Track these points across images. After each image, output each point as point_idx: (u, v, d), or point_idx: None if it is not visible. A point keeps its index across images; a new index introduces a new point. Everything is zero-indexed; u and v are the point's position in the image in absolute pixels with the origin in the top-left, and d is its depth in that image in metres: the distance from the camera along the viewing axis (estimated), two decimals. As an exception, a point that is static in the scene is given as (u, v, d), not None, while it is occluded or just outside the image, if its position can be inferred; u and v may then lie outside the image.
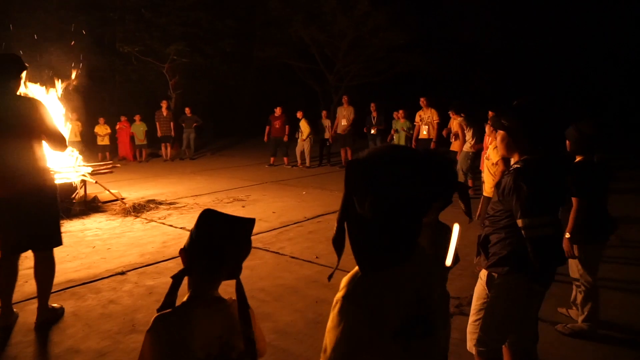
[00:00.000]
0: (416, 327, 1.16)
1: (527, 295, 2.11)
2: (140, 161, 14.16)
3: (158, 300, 3.66)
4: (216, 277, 1.37)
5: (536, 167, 2.03)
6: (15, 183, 3.11)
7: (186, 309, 1.33)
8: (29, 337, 3.17)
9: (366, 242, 1.15)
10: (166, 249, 5.09)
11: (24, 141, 3.14)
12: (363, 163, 1.13)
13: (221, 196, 8.11)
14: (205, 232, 1.33)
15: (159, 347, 1.25)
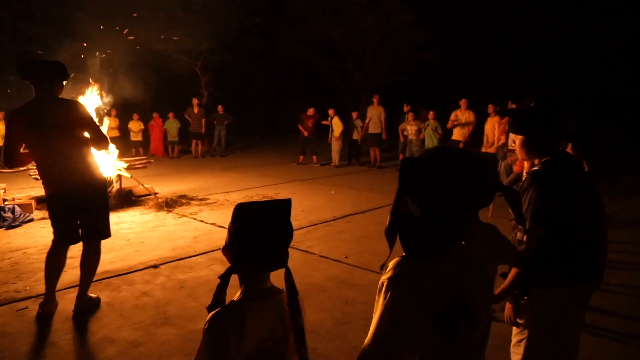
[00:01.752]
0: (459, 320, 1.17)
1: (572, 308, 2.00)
2: (171, 157, 14.45)
3: (189, 295, 3.75)
4: (264, 268, 1.36)
5: (554, 170, 1.94)
6: (67, 180, 3.28)
7: (240, 305, 1.33)
8: (67, 324, 3.28)
9: (413, 235, 1.19)
10: (197, 244, 5.17)
11: (70, 140, 3.28)
12: (417, 162, 1.20)
13: (251, 193, 8.19)
14: (244, 226, 1.32)
15: (214, 344, 1.26)
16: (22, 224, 5.96)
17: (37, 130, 3.18)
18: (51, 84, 3.27)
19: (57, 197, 3.33)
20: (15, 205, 6.29)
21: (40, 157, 3.29)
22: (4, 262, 4.56)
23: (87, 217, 3.43)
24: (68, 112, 3.26)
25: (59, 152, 3.25)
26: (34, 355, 2.87)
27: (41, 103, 3.24)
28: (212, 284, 4.01)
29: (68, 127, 3.24)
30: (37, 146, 3.25)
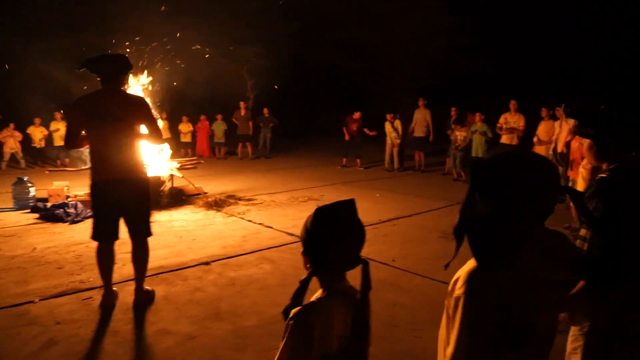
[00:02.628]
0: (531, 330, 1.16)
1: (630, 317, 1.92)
2: (218, 158, 14.86)
3: (240, 292, 3.86)
4: (347, 267, 1.40)
5: (622, 177, 1.87)
6: (116, 170, 3.41)
7: (325, 302, 1.37)
8: (127, 315, 3.46)
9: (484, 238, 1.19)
10: (246, 243, 5.31)
11: (128, 133, 3.44)
12: (488, 164, 1.21)
13: (296, 195, 8.30)
14: (326, 230, 1.36)
15: (300, 339, 1.30)
16: (83, 219, 6.32)
17: (98, 119, 3.34)
18: (116, 77, 3.43)
19: (102, 185, 3.42)
20: (78, 202, 6.68)
21: (96, 144, 3.42)
22: (69, 254, 4.86)
23: (130, 215, 3.52)
24: (131, 106, 3.43)
25: (115, 143, 3.39)
26: (99, 342, 3.05)
27: (106, 94, 3.40)
28: (262, 282, 4.11)
29: (129, 120, 3.40)
30: (95, 134, 3.40)
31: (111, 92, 3.43)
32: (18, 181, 7.10)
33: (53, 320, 3.33)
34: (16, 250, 4.97)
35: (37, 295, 3.76)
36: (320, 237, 1.36)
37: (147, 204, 3.63)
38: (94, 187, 3.47)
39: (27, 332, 3.14)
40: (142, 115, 3.47)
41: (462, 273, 1.21)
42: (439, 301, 3.59)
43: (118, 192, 3.42)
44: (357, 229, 1.36)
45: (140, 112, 3.46)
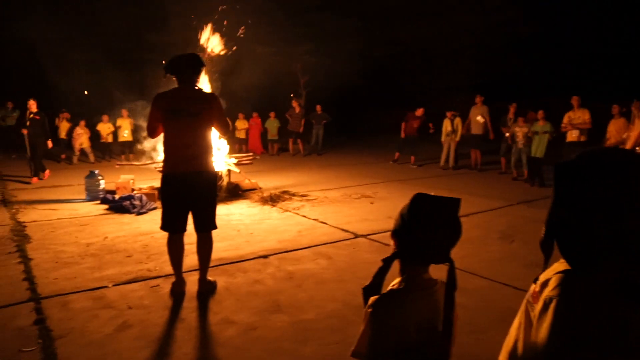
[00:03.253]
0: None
1: None
2: (271, 154, 15.16)
3: (298, 286, 3.94)
4: (431, 260, 1.39)
5: None
6: (188, 163, 3.57)
7: (402, 292, 1.38)
8: (192, 303, 3.63)
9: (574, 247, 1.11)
10: (302, 238, 5.39)
11: (201, 128, 3.62)
12: (572, 166, 1.11)
13: (349, 191, 8.32)
14: (420, 216, 1.34)
15: (377, 328, 1.33)
16: (148, 211, 6.67)
17: (174, 113, 3.53)
18: (191, 74, 3.62)
19: (173, 177, 3.60)
20: (142, 195, 7.05)
21: (170, 137, 3.61)
22: (136, 243, 5.15)
23: (198, 209, 3.67)
24: (204, 102, 3.60)
25: (188, 137, 3.56)
26: (168, 327, 3.22)
27: (183, 91, 3.60)
28: (319, 277, 4.17)
29: (201, 115, 3.57)
30: (171, 127, 3.59)
31: (186, 88, 3.62)
32: (90, 174, 7.59)
33: (126, 304, 3.55)
34: (90, 238, 5.33)
35: (110, 281, 4.02)
36: (411, 222, 1.34)
37: (214, 198, 3.78)
38: (165, 178, 3.66)
39: (104, 314, 3.37)
40: (213, 111, 3.63)
41: (552, 275, 1.16)
42: (499, 304, 3.51)
43: (188, 185, 3.57)
44: (454, 225, 1.34)
45: (212, 108, 3.62)
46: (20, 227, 5.75)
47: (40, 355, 2.82)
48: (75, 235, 5.46)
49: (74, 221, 6.20)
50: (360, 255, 4.80)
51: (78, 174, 10.10)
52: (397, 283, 1.42)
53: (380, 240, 5.32)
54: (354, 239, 5.38)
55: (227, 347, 2.95)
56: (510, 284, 4.02)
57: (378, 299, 1.35)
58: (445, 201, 1.35)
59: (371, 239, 5.40)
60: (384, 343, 1.34)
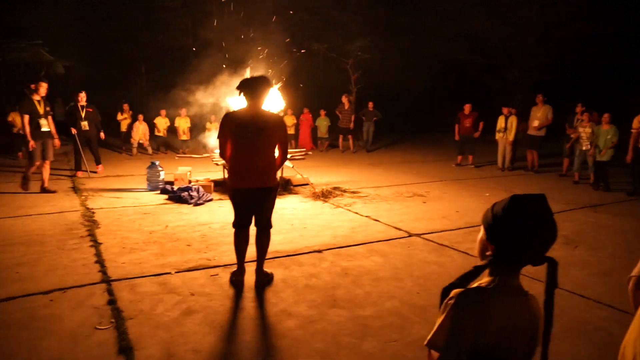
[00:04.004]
0: None
1: None
2: (321, 150, 15.23)
3: (354, 282, 3.95)
4: (526, 261, 1.34)
5: None
6: (253, 180, 3.76)
7: (490, 291, 1.33)
8: (251, 293, 3.72)
9: None
10: (355, 234, 5.40)
11: (267, 148, 3.77)
12: None
13: (401, 190, 8.23)
14: (517, 217, 1.29)
15: (455, 323, 1.30)
16: (204, 202, 6.89)
17: (242, 132, 3.68)
18: (259, 96, 3.74)
19: (240, 192, 3.81)
20: (199, 186, 7.29)
21: (237, 155, 3.76)
22: (195, 233, 5.34)
23: (261, 213, 3.89)
24: (272, 124, 3.74)
25: (255, 155, 3.71)
26: (230, 315, 3.32)
27: (251, 111, 3.73)
28: (374, 274, 4.16)
29: (266, 136, 3.71)
30: (238, 145, 3.73)
31: (254, 109, 3.74)
32: (151, 165, 7.93)
33: (188, 291, 3.69)
34: (152, 227, 5.58)
35: (173, 268, 4.19)
36: (513, 225, 1.29)
37: (273, 205, 3.97)
38: (232, 192, 3.87)
39: (169, 299, 3.53)
40: (278, 134, 3.79)
41: None
42: (568, 313, 3.35)
43: (252, 198, 3.80)
44: (551, 224, 1.29)
45: (277, 130, 3.78)
46: (89, 213, 6.11)
47: (114, 333, 2.99)
48: (139, 223, 5.73)
49: (137, 209, 6.51)
50: (415, 254, 4.74)
51: (138, 165, 10.60)
52: (486, 282, 1.38)
53: (435, 240, 5.23)
54: (408, 238, 5.32)
55: (288, 338, 3.01)
56: (577, 292, 3.85)
57: (463, 292, 1.32)
58: (542, 200, 1.30)
59: (425, 238, 5.32)
60: (460, 339, 1.30)
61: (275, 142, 3.81)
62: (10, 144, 12.69)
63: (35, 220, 5.80)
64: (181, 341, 2.92)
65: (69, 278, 3.90)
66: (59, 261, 4.33)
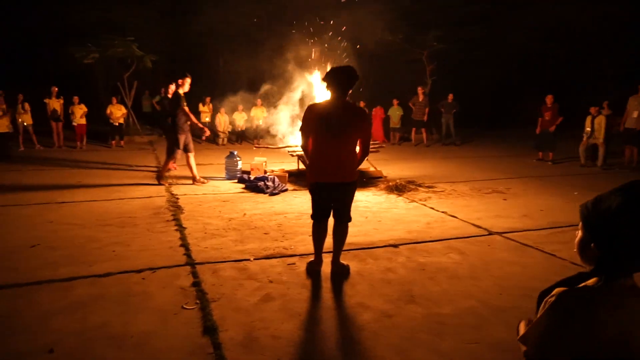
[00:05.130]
0: None
1: None
2: (392, 143, 15.01)
3: (431, 278, 3.85)
4: (637, 266, 1.19)
5: None
6: (334, 174, 3.73)
7: (598, 292, 1.20)
8: (327, 284, 3.76)
9: None
10: (431, 230, 5.26)
11: (349, 141, 3.71)
12: None
13: (478, 185, 7.89)
14: (633, 210, 1.13)
15: (557, 322, 1.20)
16: (279, 192, 7.06)
17: (325, 125, 3.65)
18: (345, 88, 3.68)
19: (320, 186, 3.80)
20: (275, 176, 7.48)
21: (320, 148, 3.73)
22: (271, 222, 5.49)
23: (340, 207, 3.88)
24: (354, 116, 3.67)
25: (338, 149, 3.67)
26: (307, 304, 3.38)
27: (336, 103, 3.69)
28: (452, 271, 4.03)
29: (350, 130, 3.66)
30: (320, 138, 3.71)
31: (339, 101, 3.69)
32: (229, 155, 8.27)
33: (267, 278, 3.81)
34: (231, 214, 5.82)
35: (251, 255, 4.34)
36: (632, 222, 1.13)
37: (353, 197, 3.94)
38: (312, 186, 3.87)
39: (249, 285, 3.66)
40: (361, 127, 3.72)
41: None
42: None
43: (332, 192, 3.79)
44: None
45: (361, 124, 3.71)
46: (174, 199, 6.50)
47: (199, 313, 3.16)
48: (219, 210, 6.00)
49: (216, 197, 6.83)
50: (495, 254, 4.53)
51: (217, 154, 11.10)
52: (594, 282, 1.24)
53: (516, 239, 4.96)
54: (488, 236, 5.09)
55: (365, 331, 3.01)
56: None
57: (567, 290, 1.20)
58: None
59: (506, 237, 5.06)
60: (558, 343, 1.18)
61: (358, 136, 3.73)
62: (107, 133, 13.86)
63: (127, 204, 6.28)
64: (261, 326, 3.02)
65: (158, 259, 4.18)
66: (148, 242, 4.65)
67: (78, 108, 12.91)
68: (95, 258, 4.19)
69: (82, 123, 12.98)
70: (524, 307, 3.36)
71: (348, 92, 3.72)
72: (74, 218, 5.53)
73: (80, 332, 2.91)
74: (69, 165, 9.91)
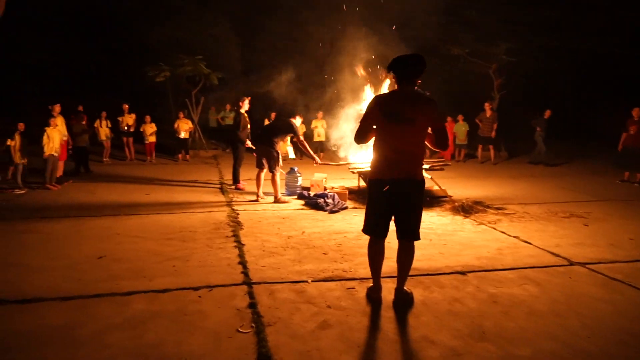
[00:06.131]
0: None
1: None
2: (457, 160, 14.41)
3: (504, 313, 3.46)
4: None
5: None
6: (398, 171, 3.42)
7: None
8: (388, 313, 3.49)
9: None
10: (503, 257, 4.83)
11: (417, 136, 3.42)
12: None
13: (554, 208, 7.26)
14: None
15: None
16: (339, 210, 6.88)
17: (389, 118, 3.38)
18: (412, 78, 3.43)
19: (380, 183, 3.47)
20: (335, 193, 7.32)
21: (383, 142, 3.48)
22: (330, 241, 5.31)
23: (403, 215, 3.50)
24: (423, 106, 3.37)
25: (402, 142, 3.38)
26: (367, 334, 3.13)
27: (402, 94, 3.43)
28: (529, 306, 3.62)
29: (418, 121, 3.36)
30: (383, 132, 3.46)
31: (406, 92, 3.45)
32: (290, 171, 8.24)
33: (325, 303, 3.61)
34: (290, 232, 5.71)
35: (309, 276, 4.17)
36: None
37: (421, 207, 3.57)
38: (372, 183, 3.58)
39: (306, 309, 3.48)
40: (431, 117, 3.41)
41: None
42: None
43: (396, 192, 3.44)
44: None
45: (430, 114, 3.40)
46: (234, 214, 6.52)
47: (254, 338, 3.02)
48: (278, 227, 5.92)
49: (275, 213, 6.77)
50: (579, 288, 4.04)
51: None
52: None
53: (603, 272, 4.42)
54: (569, 267, 4.58)
55: (431, 371, 2.72)
56: None
57: None
58: None
59: (591, 268, 4.53)
60: None
61: (429, 125, 3.42)
62: (173, 147, 14.49)
63: (189, 217, 6.37)
64: (317, 356, 2.82)
65: (215, 276, 4.12)
66: (207, 258, 4.63)
67: (149, 127, 13.61)
68: (156, 272, 4.21)
69: (152, 141, 13.67)
70: (616, 354, 2.93)
71: (416, 81, 3.45)
72: (139, 231, 5.67)
73: (135, 350, 2.87)
74: (139, 178, 10.36)
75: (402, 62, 3.44)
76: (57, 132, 8.84)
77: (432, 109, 3.39)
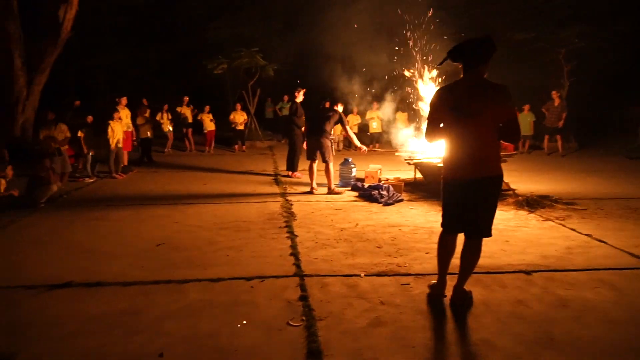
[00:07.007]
0: None
1: None
2: (521, 152, 13.65)
3: (576, 318, 3.16)
4: None
5: None
6: (470, 169, 3.16)
7: None
8: (447, 312, 3.31)
9: None
10: (572, 256, 4.46)
11: (488, 129, 3.12)
12: None
13: (632, 204, 6.65)
14: None
15: None
16: (394, 203, 6.69)
17: (456, 112, 3.13)
18: (477, 64, 3.13)
19: (453, 184, 3.28)
20: (390, 185, 7.13)
21: (452, 140, 3.24)
22: (385, 235, 5.16)
23: (477, 214, 3.25)
24: (492, 97, 3.09)
25: (472, 140, 3.13)
26: (422, 334, 2.97)
27: (466, 84, 3.16)
28: (604, 312, 3.29)
29: (490, 114, 3.08)
30: (452, 129, 3.21)
31: (471, 81, 3.17)
32: (344, 162, 8.14)
33: (378, 299, 3.49)
34: (343, 224, 5.62)
35: (362, 270, 4.06)
36: None
37: (495, 203, 3.30)
38: (446, 184, 3.36)
39: (358, 305, 3.37)
40: (502, 108, 3.10)
41: None
42: None
43: (470, 192, 3.20)
44: None
45: (501, 105, 3.09)
46: (288, 205, 6.53)
47: (304, 332, 2.96)
48: (331, 219, 5.85)
49: (329, 204, 6.70)
50: (663, 294, 3.64)
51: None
52: None
53: (693, 277, 3.96)
54: (653, 270, 4.15)
55: (492, 378, 2.53)
56: None
57: None
58: None
59: (677, 272, 4.07)
60: None
61: (497, 120, 3.11)
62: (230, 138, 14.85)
63: (244, 208, 6.45)
64: (369, 356, 2.71)
65: (267, 267, 4.12)
66: (260, 249, 4.64)
67: (206, 116, 14.01)
68: (210, 261, 4.28)
69: (211, 129, 14.06)
70: None
71: (482, 67, 3.14)
72: (196, 220, 5.81)
73: (190, 339, 2.90)
74: (197, 168, 10.69)
75: (466, 48, 3.15)
76: (119, 125, 9.29)
77: (503, 97, 3.09)
